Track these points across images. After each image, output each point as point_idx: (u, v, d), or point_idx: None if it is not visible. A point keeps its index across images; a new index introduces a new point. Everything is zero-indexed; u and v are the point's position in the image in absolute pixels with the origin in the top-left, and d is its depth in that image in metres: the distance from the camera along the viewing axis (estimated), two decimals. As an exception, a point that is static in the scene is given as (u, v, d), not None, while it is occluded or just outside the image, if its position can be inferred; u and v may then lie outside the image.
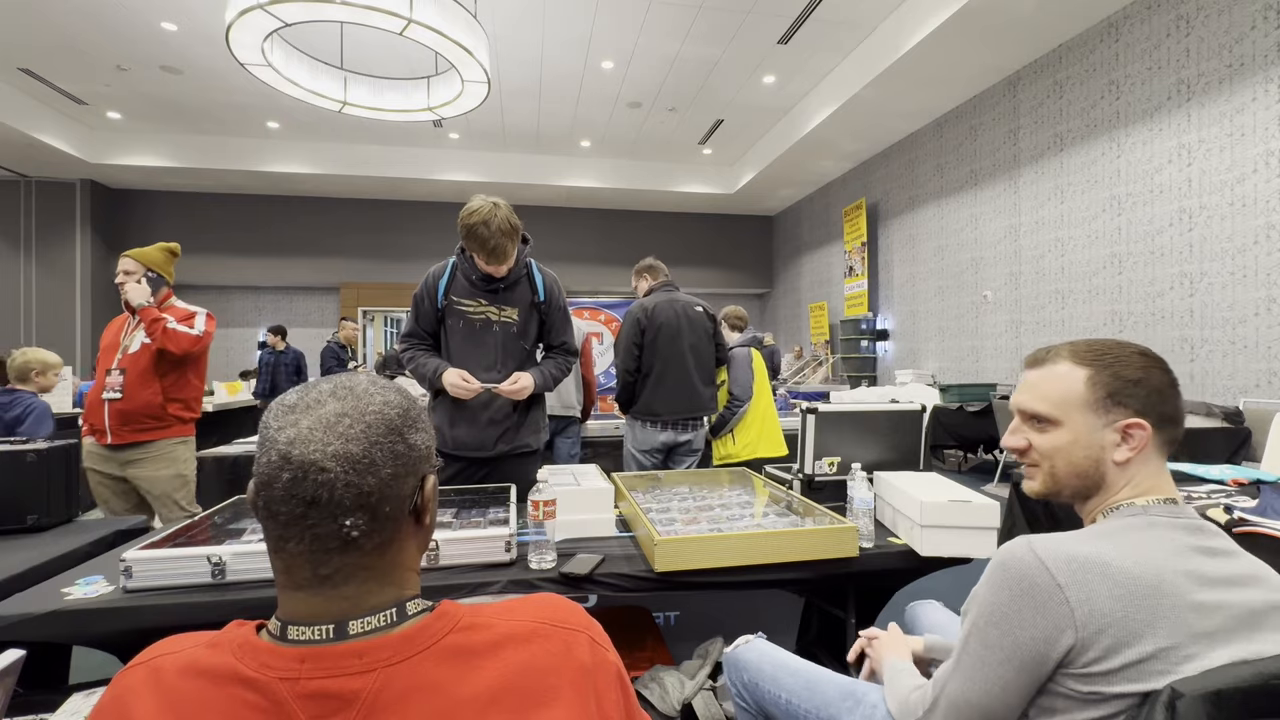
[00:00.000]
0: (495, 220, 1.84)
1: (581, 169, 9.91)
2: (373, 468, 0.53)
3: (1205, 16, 4.27)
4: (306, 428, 0.53)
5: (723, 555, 1.37)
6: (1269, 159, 3.91)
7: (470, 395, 1.92)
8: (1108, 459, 0.82)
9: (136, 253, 2.60)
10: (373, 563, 0.55)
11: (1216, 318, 4.22)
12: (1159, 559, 0.73)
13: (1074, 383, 0.84)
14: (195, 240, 10.13)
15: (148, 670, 0.51)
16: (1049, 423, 0.86)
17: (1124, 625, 0.69)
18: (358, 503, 0.52)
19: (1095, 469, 0.83)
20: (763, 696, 1.11)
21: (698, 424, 2.93)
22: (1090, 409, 0.83)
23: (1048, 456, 0.87)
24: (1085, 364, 0.85)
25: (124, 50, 6.26)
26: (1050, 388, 0.86)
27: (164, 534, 1.40)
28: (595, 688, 0.56)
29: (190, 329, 2.57)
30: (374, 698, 0.49)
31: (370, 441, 0.54)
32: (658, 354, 2.79)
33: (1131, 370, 0.83)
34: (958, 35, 5.29)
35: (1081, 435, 0.83)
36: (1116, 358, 0.84)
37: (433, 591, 1.27)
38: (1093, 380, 0.83)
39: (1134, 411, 0.81)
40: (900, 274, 8.09)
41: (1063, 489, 0.87)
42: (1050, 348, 0.90)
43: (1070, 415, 0.84)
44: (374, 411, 0.56)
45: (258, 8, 3.64)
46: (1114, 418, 0.82)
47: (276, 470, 0.52)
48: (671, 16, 5.77)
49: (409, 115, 5.58)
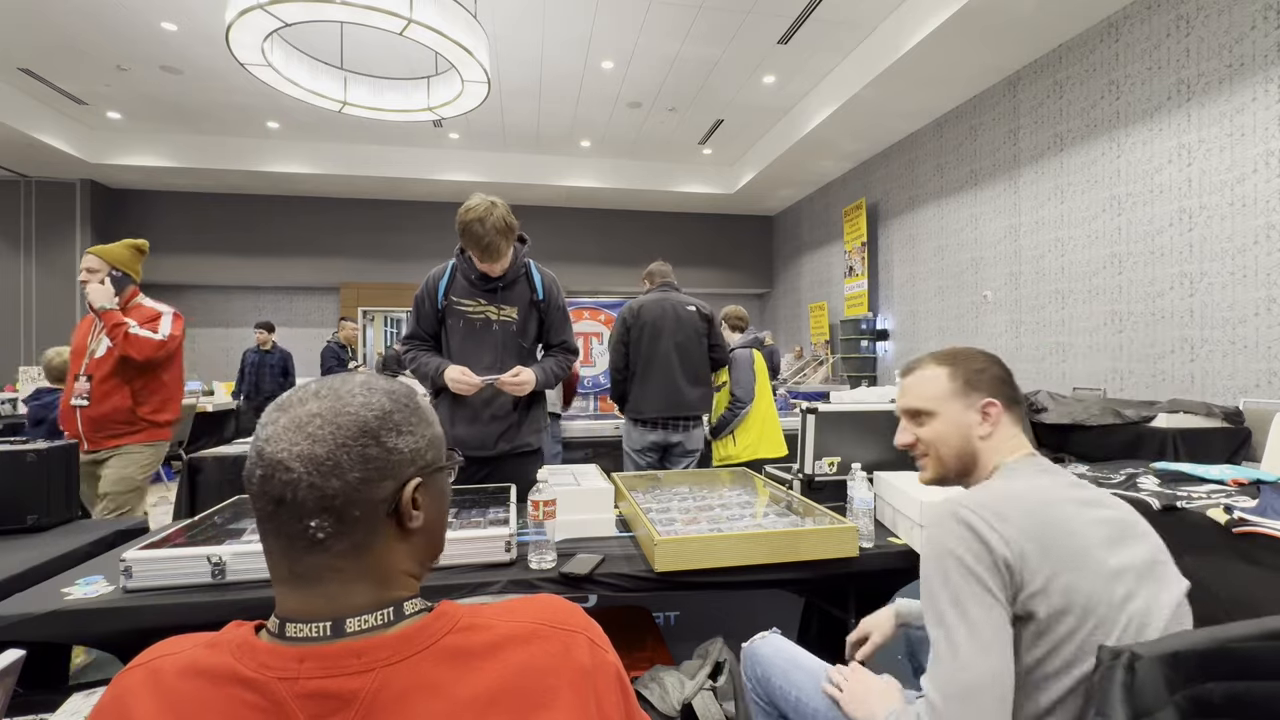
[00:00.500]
0: (490, 218, 1.86)
1: (581, 169, 9.91)
2: (337, 470, 0.52)
3: (1205, 16, 4.26)
4: (282, 426, 0.54)
5: (723, 555, 1.37)
6: (1269, 159, 3.91)
7: (471, 390, 1.92)
8: (974, 436, 1.01)
9: (101, 250, 2.47)
10: (345, 565, 0.54)
11: (1216, 318, 4.22)
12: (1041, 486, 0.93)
13: (939, 379, 1.05)
14: (195, 240, 10.14)
15: (147, 671, 0.51)
16: (927, 415, 1.05)
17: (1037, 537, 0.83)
18: (320, 505, 0.52)
19: (967, 445, 1.02)
20: (774, 691, 1.16)
21: (688, 425, 2.87)
22: (955, 397, 1.03)
23: (931, 444, 1.04)
24: (943, 364, 1.05)
25: (124, 50, 6.26)
26: (923, 388, 1.06)
27: (164, 534, 1.41)
28: (595, 689, 0.56)
29: (154, 334, 2.45)
30: (373, 697, 0.49)
31: (337, 444, 0.53)
32: (641, 352, 2.81)
33: (977, 364, 1.04)
34: (958, 35, 5.29)
35: (953, 419, 1.02)
36: (966, 356, 1.06)
37: (433, 591, 1.27)
38: (952, 374, 1.04)
39: (987, 394, 1.02)
40: (900, 274, 8.09)
41: (949, 471, 1.04)
42: (917, 358, 1.11)
43: (941, 405, 1.03)
44: (349, 414, 0.55)
45: (258, 8, 3.64)
46: (973, 400, 1.02)
47: (252, 466, 0.53)
48: (671, 16, 5.77)
49: (409, 115, 5.58)
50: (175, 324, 2.55)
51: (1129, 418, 2.78)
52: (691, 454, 2.93)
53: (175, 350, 2.56)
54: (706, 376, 2.94)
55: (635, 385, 2.83)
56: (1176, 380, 4.45)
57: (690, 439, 2.89)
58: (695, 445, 2.93)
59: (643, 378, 2.81)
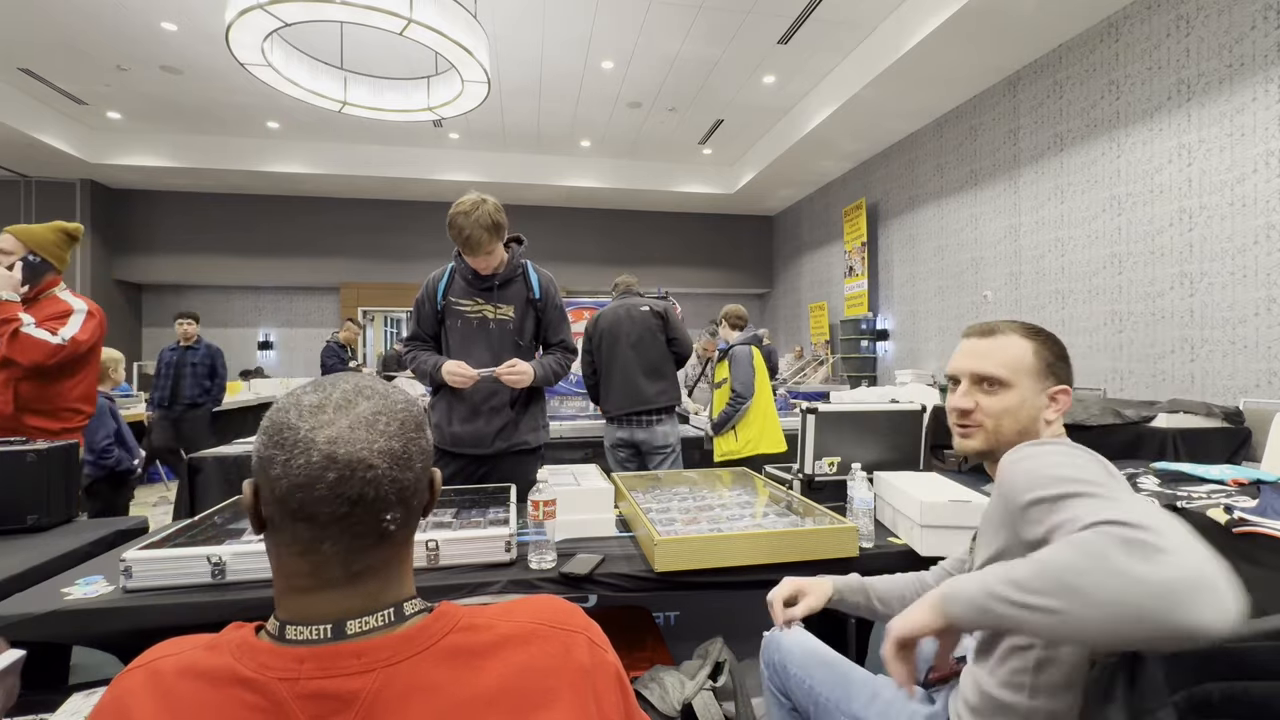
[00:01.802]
0: (476, 213, 1.90)
1: (581, 169, 9.91)
2: (409, 462, 0.56)
3: (1205, 16, 4.26)
4: (347, 426, 0.53)
5: (723, 555, 1.37)
6: (1269, 159, 3.91)
7: (468, 383, 1.94)
8: (1041, 419, 0.97)
9: (19, 230, 2.15)
10: (402, 554, 0.58)
11: (1216, 318, 4.21)
12: None
13: (1025, 352, 0.98)
14: (195, 240, 10.15)
15: (147, 672, 0.51)
16: (1001, 385, 0.98)
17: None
18: (399, 497, 0.55)
19: (1032, 426, 0.97)
20: (789, 679, 1.17)
21: (651, 421, 3.02)
22: (1034, 375, 0.97)
23: (994, 416, 0.98)
24: (1029, 338, 0.99)
25: (124, 50, 6.26)
26: (1005, 355, 0.98)
27: (164, 534, 1.41)
28: (594, 689, 0.56)
29: (50, 335, 2.08)
30: (373, 698, 0.49)
31: (406, 438, 0.56)
32: (603, 356, 3.07)
33: (1060, 348, 1.00)
34: (958, 35, 5.29)
35: (1028, 398, 0.97)
36: (1049, 336, 1.00)
37: (433, 591, 1.27)
38: (1037, 351, 0.98)
39: (1063, 380, 0.98)
40: (900, 274, 8.09)
41: (1001, 447, 0.96)
42: (995, 322, 1.03)
43: (1021, 379, 0.97)
44: (401, 409, 0.58)
45: (258, 8, 3.64)
46: (1048, 384, 0.97)
47: (320, 471, 0.51)
48: (671, 16, 5.77)
49: (409, 115, 5.58)
50: (85, 327, 2.18)
51: (1129, 418, 2.78)
52: (664, 450, 3.05)
53: (83, 356, 2.20)
54: (668, 371, 3.10)
55: (602, 387, 3.10)
56: (1176, 380, 4.45)
57: (658, 434, 3.03)
58: (663, 442, 3.05)
59: (606, 379, 3.06)
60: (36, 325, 2.08)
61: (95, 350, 2.29)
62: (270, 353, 11.00)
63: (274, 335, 11.05)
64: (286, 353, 11.09)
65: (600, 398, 3.15)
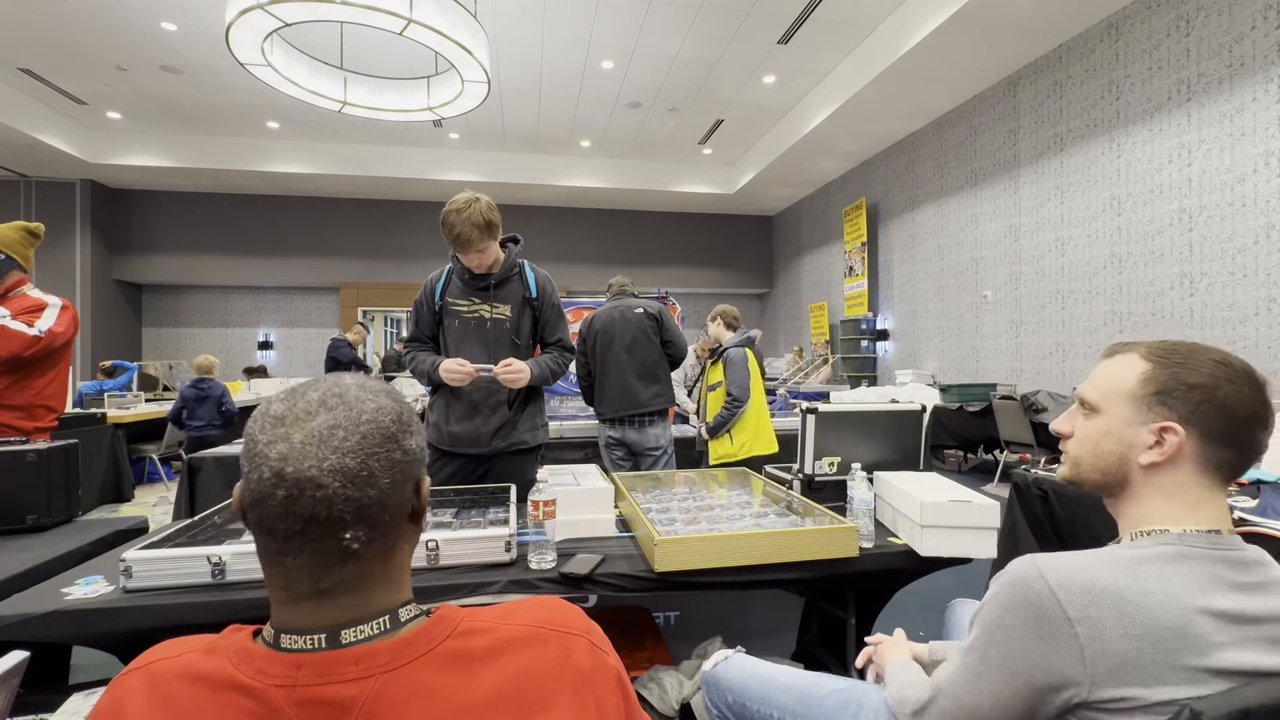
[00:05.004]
0: (468, 211, 1.91)
1: (581, 169, 9.91)
2: (371, 479, 0.52)
3: (1205, 16, 4.26)
4: (299, 442, 0.51)
5: (723, 555, 1.37)
6: (1269, 159, 3.91)
7: (465, 380, 1.94)
8: (1134, 459, 0.78)
9: None
10: (374, 570, 0.54)
11: (1216, 318, 4.22)
12: (1185, 597, 0.67)
13: (1129, 375, 0.80)
14: (195, 240, 10.15)
15: (144, 675, 0.51)
16: (1093, 410, 0.83)
17: (1138, 668, 0.65)
18: (358, 516, 0.51)
19: (1118, 466, 0.79)
20: (752, 717, 1.04)
21: (644, 423, 3.01)
22: (1132, 402, 0.79)
23: (1079, 442, 0.84)
24: (1150, 359, 0.80)
25: (124, 50, 6.26)
26: (1105, 377, 0.83)
27: (164, 534, 1.40)
28: (595, 692, 0.55)
29: (27, 327, 2.09)
30: (371, 704, 0.49)
31: (367, 453, 0.52)
32: (597, 358, 3.05)
33: (1195, 375, 0.76)
34: (958, 35, 5.29)
35: (1115, 427, 0.80)
36: (1185, 359, 0.78)
37: (432, 592, 1.27)
38: (1148, 376, 0.79)
39: (1177, 416, 0.75)
40: (900, 274, 8.09)
41: (1084, 478, 0.84)
42: (1131, 342, 0.86)
43: (1111, 405, 0.81)
44: (368, 420, 0.54)
45: (258, 8, 3.64)
46: (1153, 417, 0.77)
47: (270, 488, 0.50)
48: (671, 16, 5.77)
49: (409, 115, 5.58)
50: (61, 319, 2.17)
51: (1129, 418, 2.77)
52: (655, 452, 3.05)
53: (57, 349, 2.20)
54: (662, 374, 3.09)
55: (596, 390, 3.09)
56: (1176, 380, 4.45)
57: (650, 436, 3.02)
58: (654, 444, 3.04)
59: (601, 380, 3.05)
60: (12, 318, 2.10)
61: (67, 346, 2.27)
62: (270, 353, 11.01)
63: (274, 335, 11.05)
64: (286, 353, 11.10)
65: (594, 400, 3.12)
